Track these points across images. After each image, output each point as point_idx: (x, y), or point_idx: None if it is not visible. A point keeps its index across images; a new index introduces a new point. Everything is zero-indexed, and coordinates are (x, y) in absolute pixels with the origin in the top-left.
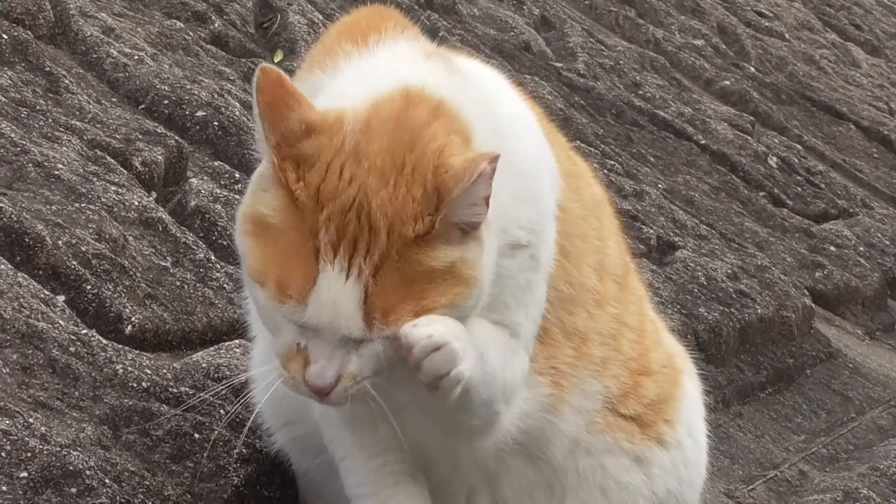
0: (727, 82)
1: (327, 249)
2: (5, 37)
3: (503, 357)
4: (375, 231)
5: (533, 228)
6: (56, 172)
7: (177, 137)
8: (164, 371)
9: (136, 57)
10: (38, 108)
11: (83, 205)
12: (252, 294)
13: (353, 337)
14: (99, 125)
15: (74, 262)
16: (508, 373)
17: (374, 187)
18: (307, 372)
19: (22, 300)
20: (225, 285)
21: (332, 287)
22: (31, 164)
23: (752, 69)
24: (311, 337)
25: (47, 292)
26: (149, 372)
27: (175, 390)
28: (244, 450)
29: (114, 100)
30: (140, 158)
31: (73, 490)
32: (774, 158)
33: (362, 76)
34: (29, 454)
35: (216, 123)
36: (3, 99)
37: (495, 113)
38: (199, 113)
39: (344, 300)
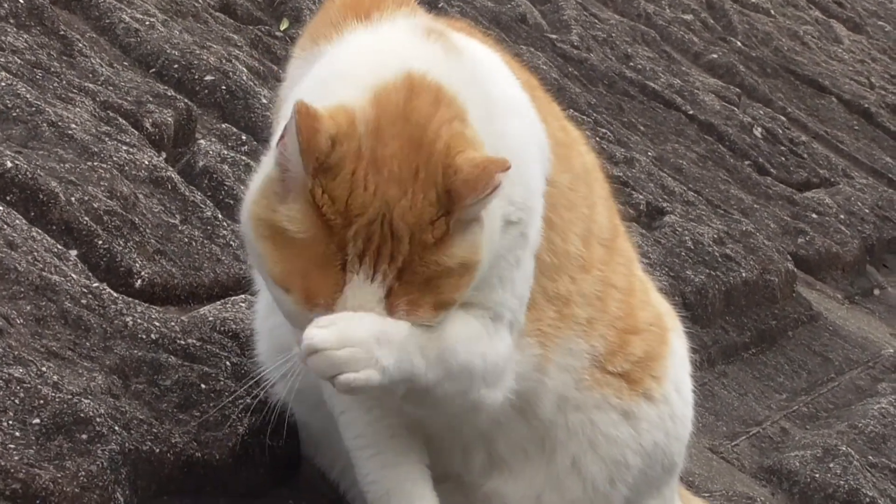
0: (715, 56)
1: (354, 260)
2: (21, 1)
3: (481, 346)
4: (398, 239)
5: (524, 205)
6: (69, 132)
7: (186, 100)
8: (172, 324)
9: (147, 22)
10: (52, 70)
11: (95, 163)
12: (273, 293)
13: None
14: (111, 87)
15: (87, 218)
16: (489, 358)
17: (394, 196)
18: None
19: (36, 254)
20: (231, 242)
21: (359, 293)
22: (45, 124)
23: (739, 43)
24: None
25: (60, 247)
26: (157, 324)
27: (183, 342)
28: (249, 400)
29: (125, 63)
30: (150, 120)
31: (84, 436)
32: (759, 129)
33: (364, 57)
34: (42, 401)
35: (224, 87)
36: (19, 61)
37: (488, 93)
38: (208, 77)
39: (369, 302)
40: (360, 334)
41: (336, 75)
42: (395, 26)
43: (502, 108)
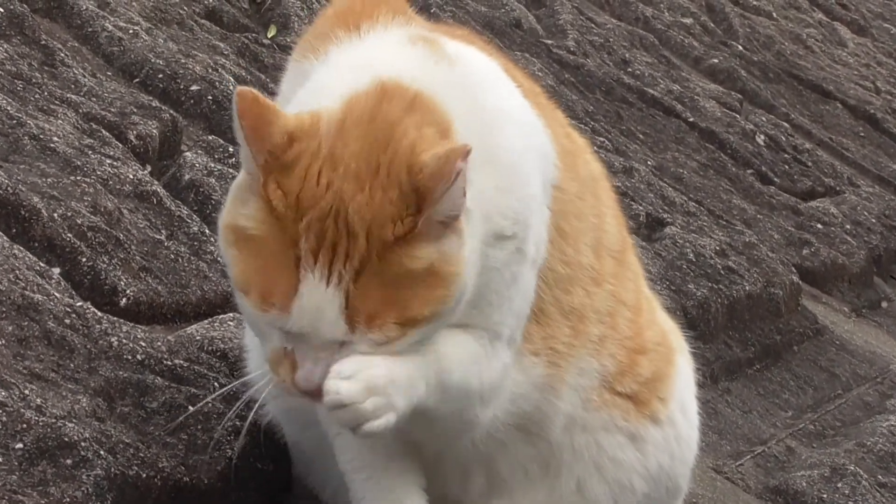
0: (715, 60)
1: (307, 257)
2: (1, 10)
3: (478, 367)
4: (353, 236)
5: (517, 219)
6: (52, 145)
7: (171, 111)
8: (159, 343)
9: (130, 31)
10: (33, 81)
11: (78, 177)
12: (238, 302)
13: (336, 340)
14: (94, 98)
15: (70, 235)
16: (486, 378)
17: (350, 192)
18: (295, 376)
19: (17, 272)
20: (219, 258)
21: (314, 294)
22: (26, 137)
23: (740, 48)
24: (297, 342)
25: (43, 264)
26: (143, 344)
27: (169, 363)
28: (238, 422)
29: (109, 73)
30: (135, 132)
31: (69, 461)
32: (762, 136)
33: (344, 68)
34: (24, 425)
35: (210, 97)
36: (0, 72)
37: (480, 103)
38: (194, 87)
39: (325, 306)
40: (380, 381)
41: (313, 91)
42: (381, 37)
43: (496, 117)
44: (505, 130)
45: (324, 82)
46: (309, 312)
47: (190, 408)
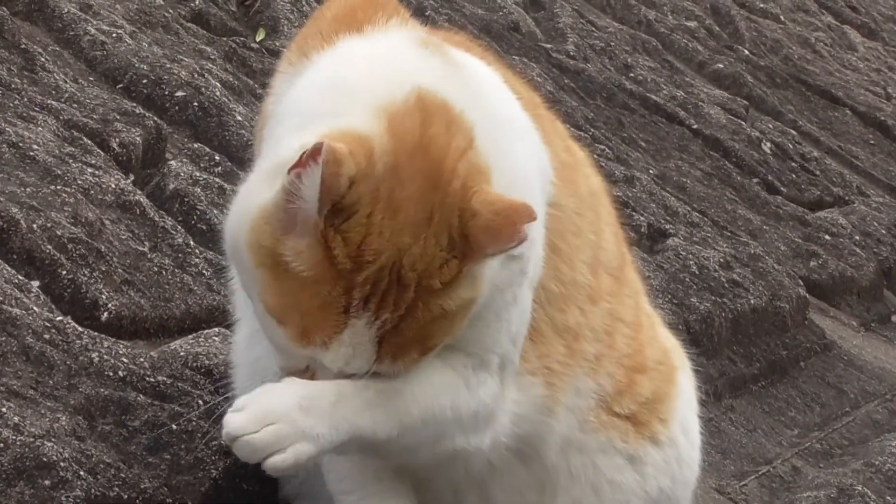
0: (720, 65)
1: (358, 306)
2: None
3: (448, 397)
4: (405, 286)
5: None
6: (31, 154)
7: (155, 118)
8: (142, 360)
9: (114, 35)
10: (13, 86)
11: (59, 187)
12: (264, 322)
13: (361, 371)
14: (76, 105)
15: (49, 247)
16: (463, 407)
17: (407, 243)
18: None
19: None
20: (204, 271)
21: (357, 338)
22: (5, 145)
23: (747, 52)
24: (321, 367)
25: (21, 277)
26: (125, 360)
27: (152, 380)
28: (223, 441)
29: (91, 79)
30: (118, 139)
31: (47, 482)
32: (768, 144)
33: (368, 71)
34: (1, 445)
35: (196, 104)
36: None
37: (491, 112)
38: (179, 93)
39: (364, 348)
40: (279, 407)
41: (339, 89)
42: (391, 37)
43: (505, 128)
44: (514, 143)
45: (348, 81)
46: (347, 353)
47: (173, 426)
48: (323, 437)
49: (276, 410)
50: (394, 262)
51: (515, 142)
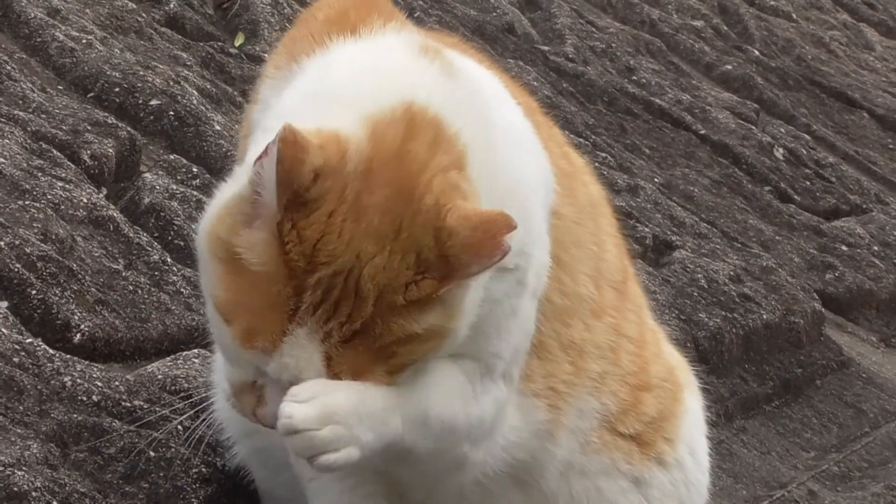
0: (729, 67)
1: (308, 310)
2: None
3: (464, 402)
4: (362, 298)
5: (521, 250)
6: None
7: (129, 128)
8: (117, 383)
9: (84, 41)
10: None
11: (27, 202)
12: (214, 321)
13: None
14: (44, 115)
15: (18, 265)
16: (473, 414)
17: (369, 252)
18: (258, 410)
19: None
20: (182, 289)
21: (301, 346)
22: None
23: (757, 52)
24: (269, 381)
25: None
26: (100, 384)
27: (128, 404)
28: (204, 468)
29: (60, 87)
30: (89, 152)
31: None
32: (781, 150)
33: (359, 76)
34: None
35: (172, 113)
36: None
37: (489, 120)
38: (154, 102)
39: (309, 360)
40: (342, 409)
41: (327, 94)
42: (387, 42)
43: (504, 138)
44: (513, 151)
45: (338, 86)
46: (291, 363)
47: (151, 453)
48: (369, 443)
49: (338, 411)
50: (351, 269)
51: (515, 152)
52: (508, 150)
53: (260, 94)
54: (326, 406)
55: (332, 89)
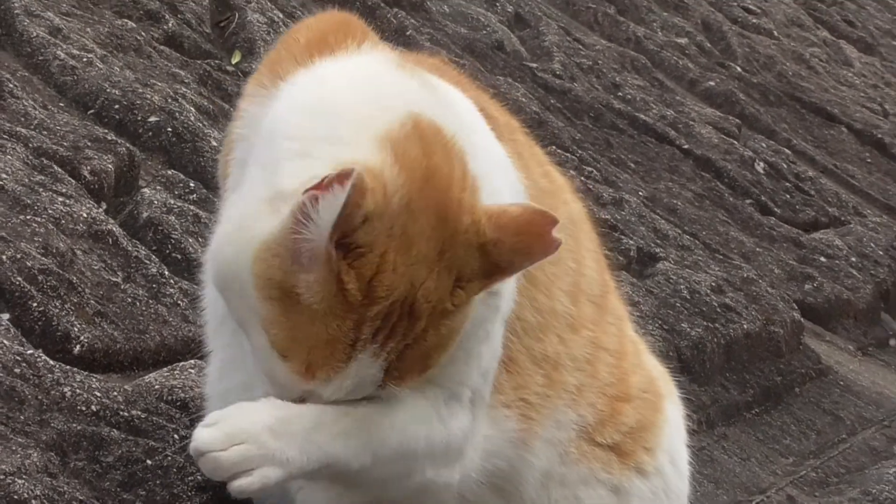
0: (712, 83)
1: (367, 339)
2: None
3: (424, 428)
4: (416, 318)
5: None
6: None
7: (128, 145)
8: (115, 394)
9: (84, 59)
10: None
11: (28, 217)
12: (263, 357)
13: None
14: (45, 132)
15: (19, 279)
16: (436, 440)
17: (420, 278)
18: None
19: None
20: (179, 302)
21: (361, 371)
22: None
23: (739, 69)
24: (315, 398)
25: None
26: (98, 395)
27: (126, 414)
28: (199, 476)
29: (61, 105)
30: (89, 167)
31: None
32: (762, 164)
33: (358, 94)
34: None
35: (170, 129)
36: None
37: (470, 140)
38: (152, 118)
39: (369, 378)
40: (250, 427)
41: (330, 112)
42: (368, 59)
43: (484, 160)
44: (492, 172)
45: (340, 104)
46: (349, 385)
47: (148, 462)
48: (292, 461)
49: (246, 430)
50: (406, 297)
51: (494, 172)
52: (491, 170)
53: (242, 112)
54: (233, 427)
55: (331, 107)
